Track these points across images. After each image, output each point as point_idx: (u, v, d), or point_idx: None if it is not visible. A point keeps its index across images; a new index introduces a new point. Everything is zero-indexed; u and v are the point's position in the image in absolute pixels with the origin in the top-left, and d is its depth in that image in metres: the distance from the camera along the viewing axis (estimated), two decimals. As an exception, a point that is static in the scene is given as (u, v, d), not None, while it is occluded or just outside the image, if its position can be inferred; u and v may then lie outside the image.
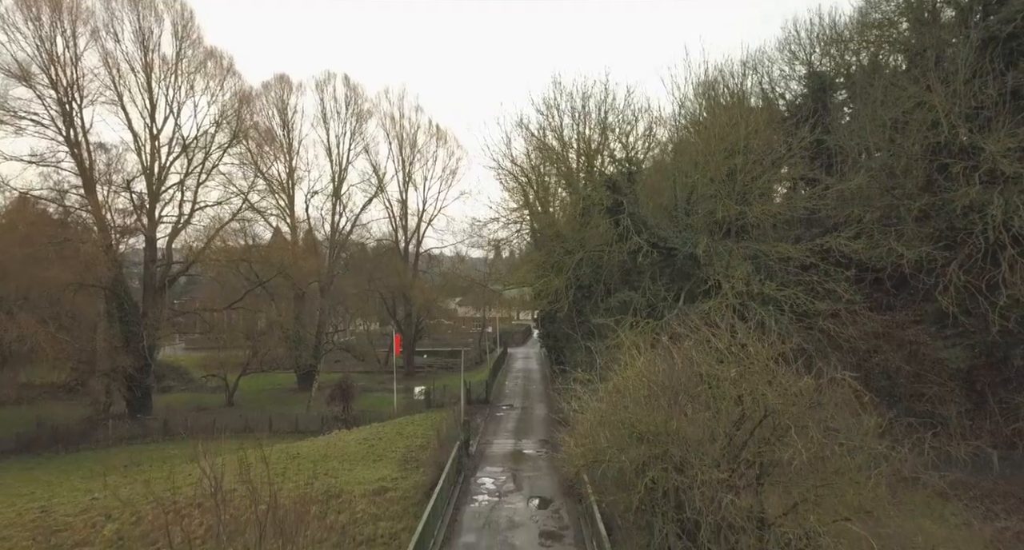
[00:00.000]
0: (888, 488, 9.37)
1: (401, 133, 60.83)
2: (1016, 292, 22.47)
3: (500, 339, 74.03)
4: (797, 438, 9.26)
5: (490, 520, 18.82)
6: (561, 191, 33.24)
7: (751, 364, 9.74)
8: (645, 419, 9.44)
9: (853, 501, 9.10)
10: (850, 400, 10.10)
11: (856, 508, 9.21)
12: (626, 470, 9.14)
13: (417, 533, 14.76)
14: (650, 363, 10.27)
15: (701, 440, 9.15)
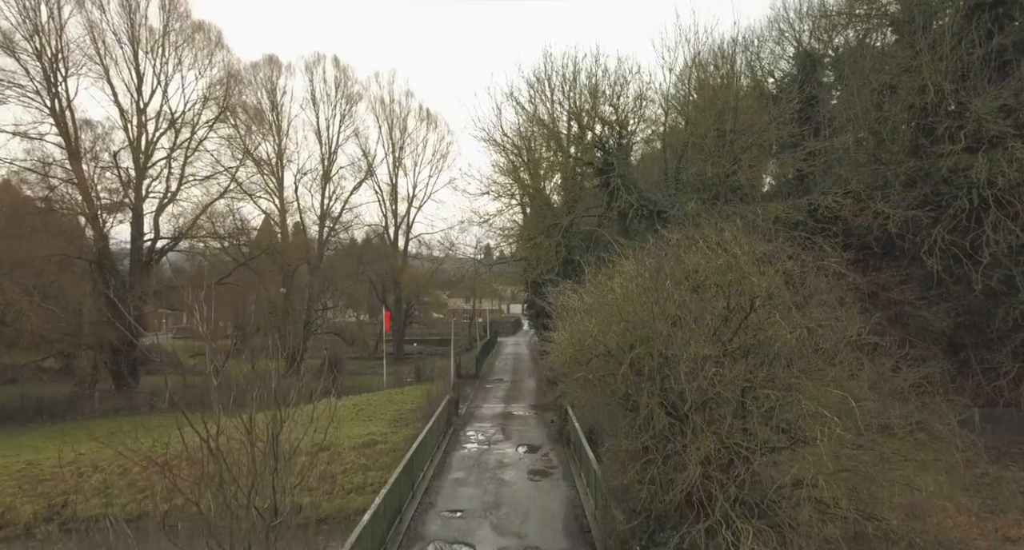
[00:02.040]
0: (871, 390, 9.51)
1: (391, 117, 60.70)
2: (998, 251, 22.84)
3: (490, 328, 74.06)
4: (782, 320, 9.38)
5: (479, 462, 18.85)
6: (550, 156, 33.26)
7: (738, 258, 9.84)
8: (631, 305, 9.51)
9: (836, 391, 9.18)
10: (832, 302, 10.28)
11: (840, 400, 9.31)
12: (612, 354, 9.18)
13: (406, 458, 14.76)
14: (639, 262, 10.35)
15: (688, 323, 9.24)
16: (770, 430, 8.69)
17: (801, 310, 9.90)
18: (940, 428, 10.20)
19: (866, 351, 10.50)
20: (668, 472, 8.86)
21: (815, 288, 9.66)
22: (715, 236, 10.61)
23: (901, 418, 9.01)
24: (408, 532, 13.21)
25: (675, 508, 8.73)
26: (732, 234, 10.26)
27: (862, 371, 9.79)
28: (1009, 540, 17.05)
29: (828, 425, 7.91)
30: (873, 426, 9.16)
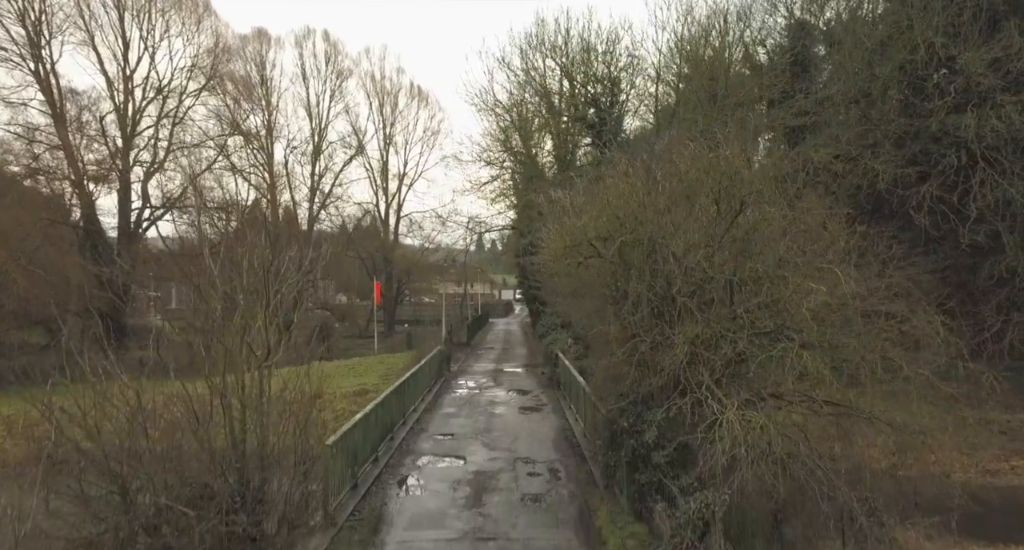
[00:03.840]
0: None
1: (382, 93, 60.31)
2: (984, 206, 23.14)
3: (481, 309, 74.07)
4: (772, 214, 9.49)
5: (470, 401, 18.94)
6: (541, 119, 33.20)
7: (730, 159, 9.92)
8: (622, 200, 9.57)
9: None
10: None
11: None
12: (602, 241, 9.24)
13: (398, 382, 14.83)
14: (634, 169, 10.41)
15: (678, 216, 9.32)
16: (757, 311, 8.80)
17: (792, 207, 10.02)
18: (924, 326, 10.40)
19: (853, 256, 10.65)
20: (656, 356, 8.95)
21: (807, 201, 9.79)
22: (707, 142, 10.68)
23: (885, 299, 9.16)
24: (400, 447, 13.29)
25: (661, 390, 8.83)
26: (723, 136, 10.33)
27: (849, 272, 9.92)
28: (988, 472, 17.39)
29: (814, 296, 8.04)
30: (857, 315, 9.30)
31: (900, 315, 10.14)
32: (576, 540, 8.67)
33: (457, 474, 11.56)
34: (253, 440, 6.53)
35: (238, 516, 5.73)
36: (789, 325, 8.80)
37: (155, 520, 5.36)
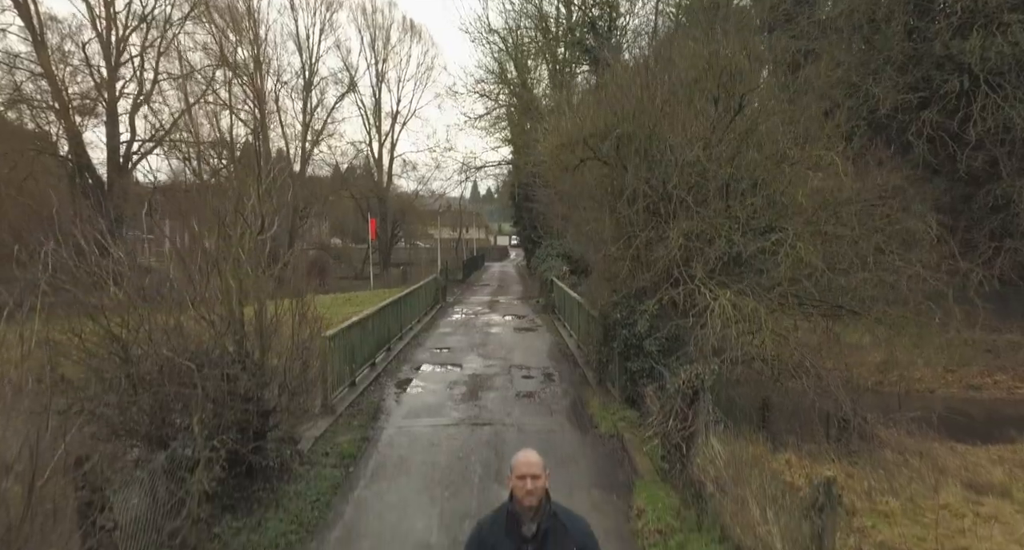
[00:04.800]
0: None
1: (373, 27, 58.15)
2: (984, 132, 22.89)
3: (477, 252, 74.03)
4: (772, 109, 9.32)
5: (467, 323, 19.17)
6: (537, 45, 32.23)
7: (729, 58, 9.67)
8: (622, 99, 9.39)
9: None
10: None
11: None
12: (599, 136, 9.12)
13: (395, 297, 14.92)
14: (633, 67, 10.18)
15: (677, 110, 9.16)
16: (752, 207, 8.79)
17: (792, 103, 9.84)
18: (916, 225, 10.44)
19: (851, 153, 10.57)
20: (650, 252, 8.99)
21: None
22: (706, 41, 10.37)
23: (880, 197, 9.13)
24: (397, 357, 13.53)
25: (654, 284, 8.90)
26: (723, 29, 10.04)
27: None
28: (972, 387, 17.81)
29: (811, 180, 8.00)
30: (852, 205, 9.28)
31: (894, 214, 10.17)
32: (569, 424, 8.95)
33: (453, 377, 11.81)
34: (251, 315, 6.59)
35: (239, 380, 5.86)
36: (784, 216, 8.82)
37: (157, 377, 5.45)
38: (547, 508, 2.69)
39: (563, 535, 2.67)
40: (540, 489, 2.66)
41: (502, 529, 2.71)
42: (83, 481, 4.05)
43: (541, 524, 2.65)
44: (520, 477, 2.66)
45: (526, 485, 2.64)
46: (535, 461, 2.70)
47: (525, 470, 2.66)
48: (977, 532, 6.64)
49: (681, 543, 5.51)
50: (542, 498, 2.68)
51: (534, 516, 2.66)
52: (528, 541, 2.65)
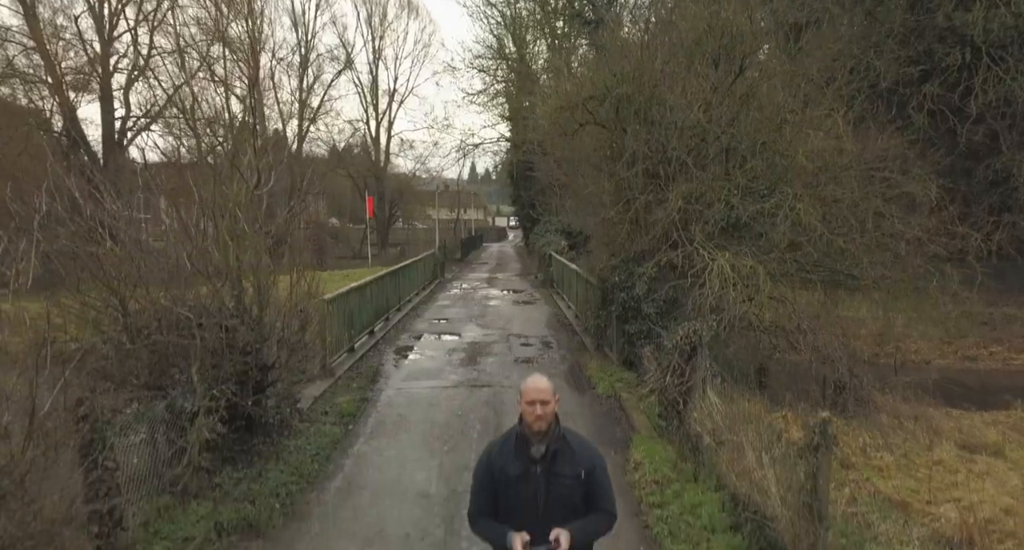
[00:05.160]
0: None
1: (370, 3, 57.27)
2: (984, 106, 22.76)
3: (475, 232, 73.86)
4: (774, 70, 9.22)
5: (465, 297, 19.20)
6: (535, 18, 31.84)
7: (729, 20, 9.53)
8: (621, 60, 9.29)
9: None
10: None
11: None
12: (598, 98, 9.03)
13: (394, 267, 14.91)
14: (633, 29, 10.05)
15: (679, 76, 9.07)
16: (752, 170, 8.74)
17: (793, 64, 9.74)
18: (916, 189, 10.40)
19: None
20: (649, 215, 8.96)
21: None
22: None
23: (881, 162, 9.08)
24: (396, 327, 13.56)
25: (652, 248, 8.89)
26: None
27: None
28: (968, 358, 17.91)
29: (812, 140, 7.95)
30: (852, 167, 9.24)
31: (893, 178, 10.13)
32: (567, 386, 9.01)
33: (452, 345, 11.86)
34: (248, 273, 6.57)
35: (238, 332, 5.86)
36: (784, 179, 8.78)
37: (155, 327, 5.45)
38: (556, 431, 2.70)
39: (571, 457, 2.69)
40: (549, 414, 2.66)
41: (511, 450, 2.72)
42: (83, 418, 4.07)
43: (550, 446, 2.66)
44: (530, 402, 2.66)
45: (535, 410, 2.64)
46: (544, 386, 2.70)
47: (535, 396, 2.66)
48: (969, 485, 6.72)
49: (677, 492, 5.56)
50: (551, 423, 2.68)
51: (543, 439, 2.67)
52: (537, 462, 2.66)
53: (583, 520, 2.65)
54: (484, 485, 2.77)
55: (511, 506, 2.69)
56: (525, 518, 2.61)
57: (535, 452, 2.67)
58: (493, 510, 2.74)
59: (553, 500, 2.65)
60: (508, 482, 2.69)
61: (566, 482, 2.66)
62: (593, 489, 2.71)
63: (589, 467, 2.71)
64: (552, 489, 2.65)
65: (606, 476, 2.81)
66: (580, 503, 2.69)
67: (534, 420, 2.65)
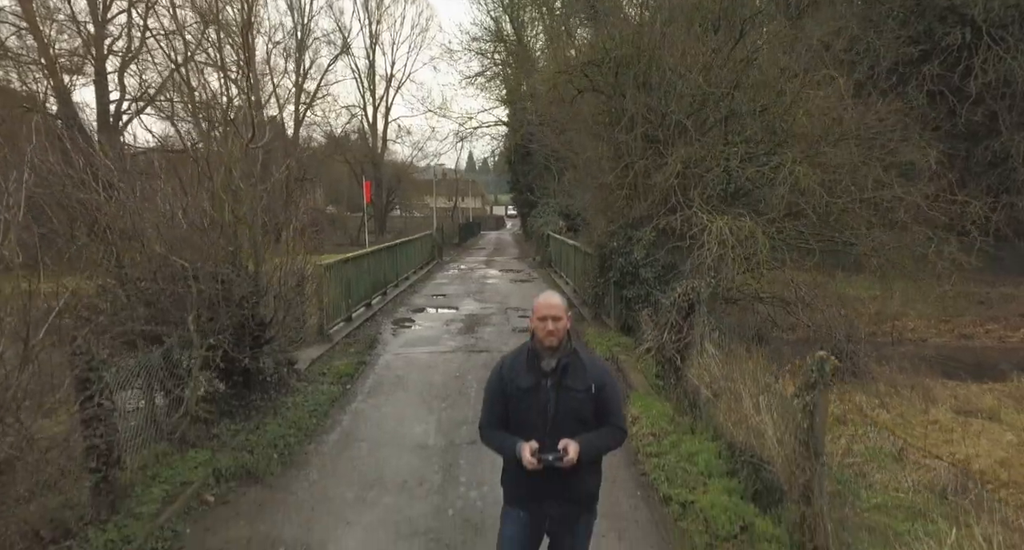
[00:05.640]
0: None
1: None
2: (984, 86, 22.69)
3: (473, 220, 73.71)
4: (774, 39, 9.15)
5: (463, 276, 19.19)
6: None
7: None
8: (620, 23, 9.21)
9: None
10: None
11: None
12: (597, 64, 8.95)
13: (391, 243, 14.87)
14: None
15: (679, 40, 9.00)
16: (751, 132, 8.70)
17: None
18: (917, 158, 10.38)
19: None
20: (648, 180, 8.92)
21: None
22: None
23: (881, 125, 9.04)
24: (393, 300, 13.54)
25: (651, 212, 8.86)
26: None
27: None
28: (964, 336, 17.93)
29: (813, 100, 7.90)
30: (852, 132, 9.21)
31: (894, 145, 10.10)
32: (565, 351, 8.99)
33: (450, 316, 11.85)
34: (245, 231, 6.53)
35: (234, 285, 5.83)
36: (784, 144, 8.74)
37: (151, 278, 5.41)
38: (567, 346, 2.70)
39: (582, 371, 2.68)
40: (561, 330, 2.65)
41: (523, 364, 2.72)
42: (77, 354, 4.05)
43: (561, 359, 2.66)
44: (541, 318, 2.65)
45: (547, 326, 2.63)
46: (556, 303, 2.69)
47: (546, 312, 2.65)
48: (965, 442, 6.75)
49: (675, 442, 5.57)
50: (563, 339, 2.67)
51: (554, 353, 2.66)
52: (547, 375, 2.66)
53: (592, 434, 2.65)
54: (495, 398, 2.77)
55: (521, 418, 2.69)
56: (535, 430, 2.61)
57: (546, 366, 2.66)
58: (504, 423, 2.74)
59: (562, 413, 2.64)
60: (518, 394, 2.69)
61: (576, 396, 2.66)
62: (603, 404, 2.70)
63: (600, 382, 2.70)
64: (562, 402, 2.65)
65: (616, 393, 2.80)
66: (590, 418, 2.68)
67: (545, 336, 2.64)
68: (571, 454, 2.52)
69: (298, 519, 4.50)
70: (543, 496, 2.70)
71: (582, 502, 2.77)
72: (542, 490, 2.69)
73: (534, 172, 36.79)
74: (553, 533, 2.79)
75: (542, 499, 2.71)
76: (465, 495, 4.81)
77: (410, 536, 4.25)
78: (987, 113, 23.62)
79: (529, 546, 2.80)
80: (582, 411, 2.68)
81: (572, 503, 2.74)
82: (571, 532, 2.77)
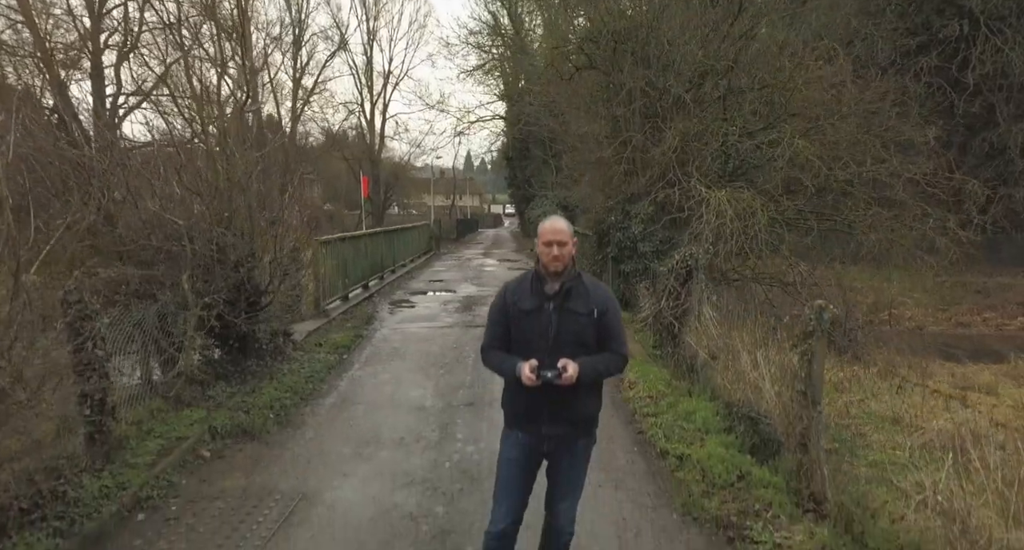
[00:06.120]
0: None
1: (365, -18, 56.71)
2: (981, 78, 22.74)
3: (471, 217, 73.68)
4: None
5: (460, 264, 19.19)
6: None
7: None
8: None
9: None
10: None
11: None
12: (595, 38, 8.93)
13: (388, 228, 14.83)
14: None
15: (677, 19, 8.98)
16: (752, 107, 8.69)
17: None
18: (916, 135, 10.38)
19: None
20: (646, 155, 8.91)
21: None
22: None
23: (880, 100, 9.04)
24: (391, 284, 13.51)
25: (649, 187, 8.85)
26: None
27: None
28: (961, 324, 17.98)
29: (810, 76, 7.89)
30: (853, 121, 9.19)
31: (892, 124, 10.09)
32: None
33: (448, 298, 11.83)
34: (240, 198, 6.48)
35: (228, 249, 5.79)
36: (783, 118, 8.73)
37: (145, 236, 5.36)
38: (572, 271, 2.67)
39: (585, 295, 2.66)
40: (566, 256, 2.63)
41: (527, 288, 2.71)
42: (69, 302, 4.02)
43: (564, 283, 2.64)
44: (547, 244, 2.62)
45: (552, 251, 2.61)
46: (562, 228, 2.65)
47: (551, 237, 2.62)
48: (964, 408, 6.75)
49: (672, 403, 5.56)
50: (568, 264, 2.65)
51: (558, 277, 2.64)
52: (550, 298, 2.64)
53: (592, 357, 2.63)
54: (498, 320, 2.76)
55: (522, 340, 2.67)
56: (536, 352, 2.59)
57: (549, 289, 2.64)
58: (506, 345, 2.72)
59: (564, 335, 2.62)
60: (521, 316, 2.67)
61: (578, 319, 2.64)
62: (605, 330, 2.68)
63: (603, 307, 2.68)
64: (564, 324, 2.63)
65: (619, 320, 2.78)
66: (591, 341, 2.66)
67: (550, 261, 2.62)
68: (570, 371, 2.50)
69: (294, 472, 4.48)
70: (542, 417, 2.68)
71: (580, 424, 2.75)
72: (541, 411, 2.67)
73: (532, 167, 36.83)
74: (551, 454, 2.77)
75: (541, 420, 2.69)
76: (462, 450, 4.79)
77: (407, 485, 4.22)
78: (984, 105, 23.67)
79: (528, 468, 2.78)
80: (583, 334, 2.66)
81: (570, 424, 2.72)
82: (569, 452, 2.75)
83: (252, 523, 3.78)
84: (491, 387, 5.90)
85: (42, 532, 3.41)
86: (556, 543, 2.87)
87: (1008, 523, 2.78)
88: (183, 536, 3.65)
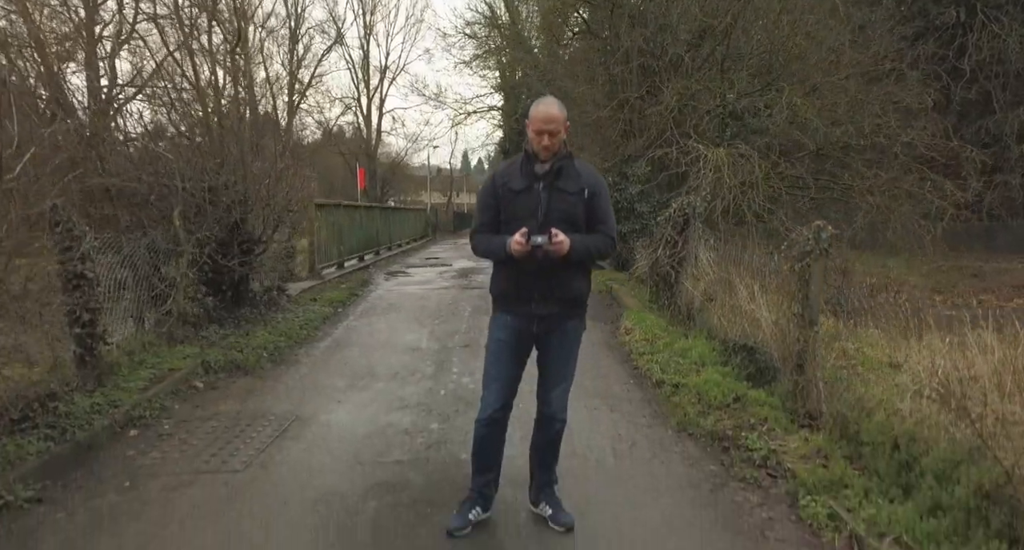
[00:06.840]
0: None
1: (361, -26, 56.60)
2: (979, 62, 22.80)
3: (467, 212, 73.61)
4: None
5: (456, 246, 19.24)
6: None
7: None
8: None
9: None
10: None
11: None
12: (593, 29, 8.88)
13: (386, 208, 14.75)
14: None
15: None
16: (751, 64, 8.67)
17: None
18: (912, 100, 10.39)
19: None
20: (643, 115, 8.88)
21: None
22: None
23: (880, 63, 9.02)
24: (387, 259, 13.47)
25: (646, 148, 8.81)
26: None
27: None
28: (956, 306, 17.97)
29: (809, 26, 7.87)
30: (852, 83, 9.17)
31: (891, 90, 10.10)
32: (559, 286, 8.95)
33: (444, 269, 11.80)
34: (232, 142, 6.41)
35: (220, 192, 5.72)
36: (781, 77, 8.71)
37: (136, 180, 5.30)
38: (563, 152, 2.64)
39: (575, 175, 2.63)
40: (557, 143, 2.59)
41: (517, 169, 2.67)
42: (57, 222, 3.96)
43: (555, 164, 2.60)
44: (537, 132, 2.56)
45: (543, 141, 2.56)
46: (555, 115, 2.57)
47: (543, 126, 2.55)
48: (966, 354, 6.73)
49: (668, 343, 5.52)
50: (558, 149, 2.62)
51: (548, 159, 2.60)
52: (540, 178, 2.60)
53: (583, 236, 2.60)
54: (488, 204, 2.71)
55: (513, 220, 2.61)
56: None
57: (539, 169, 2.60)
58: (495, 229, 2.68)
59: (554, 213, 2.58)
60: (510, 196, 2.63)
61: (568, 198, 2.60)
62: (593, 210, 2.65)
63: (593, 188, 2.65)
64: (553, 202, 2.59)
65: (608, 202, 2.74)
66: (580, 221, 2.63)
67: (541, 149, 2.58)
68: (560, 238, 2.46)
69: (288, 400, 4.43)
70: (532, 296, 2.64)
71: (569, 303, 2.71)
72: (530, 288, 2.62)
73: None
74: (541, 338, 2.73)
75: (531, 299, 2.64)
76: (457, 381, 4.76)
77: (401, 408, 4.19)
78: (981, 92, 23.70)
79: (518, 350, 2.74)
80: (573, 213, 2.62)
81: (560, 303, 2.67)
82: (560, 331, 2.71)
83: (246, 438, 3.74)
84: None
85: (33, 436, 3.38)
86: (549, 432, 2.83)
87: (1004, 400, 2.76)
88: (176, 447, 3.61)
